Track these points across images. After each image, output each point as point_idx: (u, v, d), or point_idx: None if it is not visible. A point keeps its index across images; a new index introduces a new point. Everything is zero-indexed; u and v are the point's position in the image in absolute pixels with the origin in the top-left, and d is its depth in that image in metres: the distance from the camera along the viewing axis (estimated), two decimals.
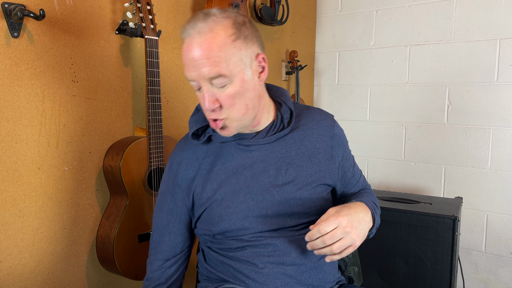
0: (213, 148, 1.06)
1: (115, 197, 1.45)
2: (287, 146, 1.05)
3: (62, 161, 1.39)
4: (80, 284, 1.48)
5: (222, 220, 1.01)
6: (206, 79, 0.91)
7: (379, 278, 1.84)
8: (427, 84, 2.32)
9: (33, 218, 1.33)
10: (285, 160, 1.03)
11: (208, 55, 0.89)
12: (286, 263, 1.00)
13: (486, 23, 2.13)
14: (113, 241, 1.38)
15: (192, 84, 0.95)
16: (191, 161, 1.06)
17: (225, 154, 1.04)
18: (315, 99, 2.77)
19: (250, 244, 1.01)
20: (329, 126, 1.10)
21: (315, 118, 1.10)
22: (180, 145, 1.11)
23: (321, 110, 1.14)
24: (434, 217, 1.70)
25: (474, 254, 2.24)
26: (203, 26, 0.91)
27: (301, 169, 1.04)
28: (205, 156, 1.05)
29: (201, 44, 0.90)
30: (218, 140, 1.04)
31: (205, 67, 0.90)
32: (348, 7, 2.58)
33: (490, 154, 2.16)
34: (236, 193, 1.01)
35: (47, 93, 1.34)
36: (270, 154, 1.03)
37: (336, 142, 1.10)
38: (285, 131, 1.04)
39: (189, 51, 0.91)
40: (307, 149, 1.06)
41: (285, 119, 1.06)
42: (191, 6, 1.81)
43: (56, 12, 1.34)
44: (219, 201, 1.01)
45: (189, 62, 0.92)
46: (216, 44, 0.90)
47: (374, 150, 2.53)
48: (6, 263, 1.28)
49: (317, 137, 1.07)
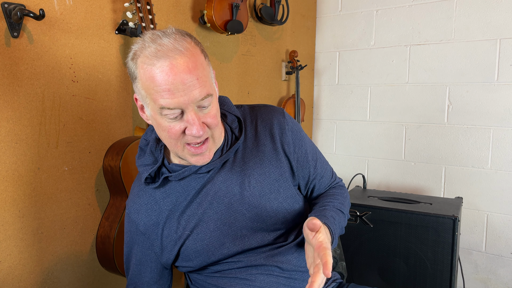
0: (171, 186, 0.98)
1: (115, 197, 1.45)
2: (244, 157, 0.97)
3: (62, 161, 1.39)
4: (80, 284, 1.48)
5: (199, 254, 0.97)
6: (195, 102, 0.83)
7: (379, 278, 1.84)
8: (427, 84, 2.32)
9: (33, 218, 1.33)
10: (246, 173, 0.96)
11: (197, 75, 0.82)
12: (276, 272, 0.97)
13: (486, 23, 2.13)
14: (113, 241, 1.38)
15: (167, 113, 0.83)
16: (150, 205, 0.99)
17: (186, 189, 0.97)
18: (315, 99, 2.77)
19: (236, 265, 0.98)
20: (280, 123, 1.01)
21: (264, 118, 1.01)
22: (134, 191, 1.03)
23: (268, 106, 1.05)
24: (434, 217, 1.70)
25: (474, 254, 2.24)
26: (177, 46, 0.81)
27: (264, 178, 0.97)
28: (164, 196, 0.98)
29: (187, 65, 0.81)
30: (176, 178, 0.96)
31: (196, 89, 0.82)
32: (348, 7, 2.58)
33: (490, 154, 2.16)
34: (206, 223, 0.95)
35: (47, 93, 1.34)
36: (229, 172, 0.96)
37: (291, 138, 1.01)
38: (239, 142, 0.96)
39: (175, 74, 0.80)
40: (264, 154, 0.98)
41: (235, 129, 0.98)
42: (191, 6, 1.81)
43: (56, 12, 1.34)
44: (191, 237, 0.96)
45: (174, 87, 0.80)
46: (200, 61, 0.84)
47: (374, 150, 2.53)
48: (6, 263, 1.28)
49: (271, 138, 0.99)
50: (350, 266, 1.88)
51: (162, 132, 0.88)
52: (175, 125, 0.85)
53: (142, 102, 0.89)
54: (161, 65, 0.80)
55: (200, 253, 0.97)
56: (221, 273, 0.99)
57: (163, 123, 0.85)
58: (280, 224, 0.98)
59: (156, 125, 0.89)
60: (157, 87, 0.81)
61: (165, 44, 0.81)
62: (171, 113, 0.83)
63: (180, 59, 0.81)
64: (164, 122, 0.85)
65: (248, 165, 0.97)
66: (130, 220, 1.02)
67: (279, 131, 1.00)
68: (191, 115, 0.83)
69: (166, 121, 0.85)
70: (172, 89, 0.81)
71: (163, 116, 0.84)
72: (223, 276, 0.99)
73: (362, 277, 1.87)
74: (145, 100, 0.87)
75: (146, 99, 0.86)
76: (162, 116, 0.84)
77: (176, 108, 0.82)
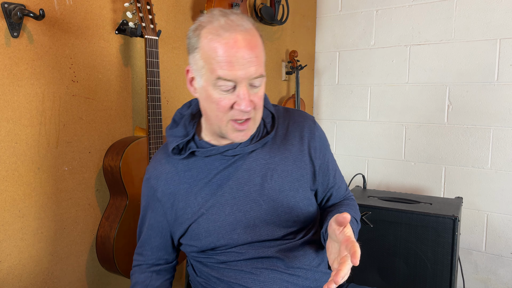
0: (195, 162, 1.01)
1: (115, 197, 1.45)
2: (271, 151, 1.01)
3: (62, 161, 1.39)
4: (80, 284, 1.48)
5: (209, 234, 0.98)
6: (250, 79, 0.88)
7: (379, 278, 1.84)
8: (427, 84, 2.32)
9: (33, 218, 1.33)
10: (270, 167, 0.99)
11: (257, 54, 0.87)
12: (280, 268, 0.99)
13: (486, 23, 2.13)
14: (113, 241, 1.38)
15: (222, 84, 0.87)
16: (171, 175, 1.01)
17: (209, 167, 0.99)
18: (315, 99, 2.77)
19: (242, 256, 0.99)
20: (310, 128, 1.05)
21: (296, 120, 1.06)
22: (157, 157, 1.06)
23: (301, 111, 1.10)
24: (434, 217, 1.70)
25: (474, 254, 2.24)
26: (243, 24, 0.87)
27: (286, 175, 1.00)
28: (186, 169, 1.01)
29: (250, 42, 0.86)
30: (202, 155, 0.99)
31: (253, 66, 0.87)
32: (348, 7, 2.58)
33: (490, 154, 2.16)
34: (223, 206, 0.98)
35: (47, 93, 1.34)
36: (254, 161, 0.99)
37: (318, 144, 1.05)
38: (269, 136, 1.00)
39: (239, 47, 0.85)
40: (291, 153, 1.02)
41: (267, 124, 1.02)
42: (191, 6, 1.81)
43: (56, 12, 1.34)
44: (205, 216, 0.98)
45: (235, 60, 0.85)
46: (260, 43, 0.89)
47: (374, 150, 2.53)
48: (6, 263, 1.28)
49: (300, 140, 1.03)
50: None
51: (210, 104, 0.91)
52: (226, 98, 0.88)
53: (195, 73, 0.92)
54: (227, 37, 0.85)
55: (211, 234, 0.98)
56: (227, 264, 1.00)
57: (214, 94, 0.89)
58: (292, 222, 1.01)
59: (205, 97, 0.92)
60: (218, 57, 0.86)
61: (233, 20, 0.87)
62: (226, 84, 0.87)
63: (245, 35, 0.86)
64: (216, 93, 0.89)
65: (273, 159, 1.00)
66: (149, 185, 1.05)
67: (308, 135, 1.04)
68: (242, 90, 0.88)
69: (218, 93, 0.88)
70: (232, 62, 0.85)
71: (217, 87, 0.88)
72: (228, 267, 1.00)
73: (362, 277, 1.87)
74: (200, 70, 0.90)
75: (202, 70, 0.89)
76: (215, 88, 0.88)
77: (231, 81, 0.87)
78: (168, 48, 1.73)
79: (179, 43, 1.77)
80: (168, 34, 1.72)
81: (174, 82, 1.76)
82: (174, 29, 1.74)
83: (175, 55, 1.76)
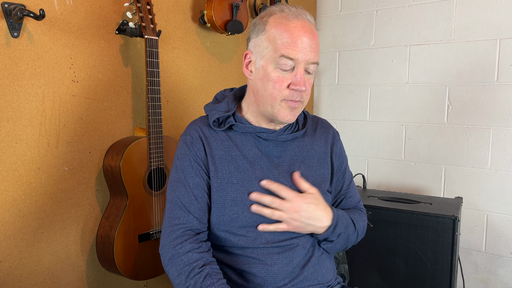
0: (231, 135, 1.08)
1: (115, 197, 1.45)
2: (300, 147, 1.11)
3: (62, 161, 1.39)
4: (80, 284, 1.48)
5: (236, 204, 1.02)
6: (307, 63, 0.98)
7: (379, 278, 1.84)
8: (427, 84, 2.32)
9: (33, 218, 1.33)
10: (298, 159, 1.09)
11: (317, 42, 1.00)
12: (293, 259, 1.02)
13: (486, 23, 2.13)
14: (113, 241, 1.38)
15: (284, 62, 0.97)
16: (213, 140, 1.07)
17: (244, 143, 1.07)
18: (315, 99, 2.77)
19: (259, 241, 1.02)
20: (334, 135, 1.18)
21: (322, 126, 1.18)
22: (198, 123, 1.10)
23: (325, 120, 1.22)
24: (434, 217, 1.70)
25: (474, 254, 2.24)
26: (308, 16, 1.01)
27: (311, 170, 1.10)
28: (223, 139, 1.07)
29: (312, 31, 0.99)
30: (240, 130, 1.07)
31: (313, 52, 0.98)
32: (348, 7, 2.58)
33: (490, 154, 2.16)
34: (252, 181, 1.03)
35: (47, 93, 1.34)
36: (284, 151, 1.08)
37: (339, 152, 1.17)
38: (300, 132, 1.11)
39: (304, 32, 0.97)
40: (316, 152, 1.12)
41: (300, 122, 1.14)
42: (191, 6, 1.81)
43: (56, 12, 1.34)
44: (235, 186, 1.03)
45: (300, 43, 0.96)
46: (318, 35, 1.02)
47: (374, 150, 2.53)
48: (6, 263, 1.28)
49: (325, 144, 1.14)
50: (350, 266, 1.88)
51: (266, 83, 1.00)
52: (284, 77, 0.98)
53: (256, 55, 1.03)
54: (296, 22, 0.98)
55: (237, 203, 1.02)
56: (243, 250, 1.02)
57: (273, 73, 0.99)
58: None
59: (263, 76, 1.01)
60: (286, 38, 0.97)
61: (300, 12, 1.00)
62: (287, 63, 0.97)
63: (310, 25, 1.00)
64: (275, 72, 0.98)
65: (301, 154, 1.10)
66: (187, 146, 1.07)
67: (332, 140, 1.16)
68: (300, 71, 0.98)
69: (277, 72, 0.98)
70: (298, 43, 0.96)
71: (277, 66, 0.98)
72: (243, 254, 1.02)
73: (362, 277, 1.87)
74: (263, 51, 1.00)
75: (265, 50, 1.00)
76: (276, 67, 0.98)
77: (292, 60, 0.97)
78: (168, 48, 1.73)
79: (179, 43, 1.77)
80: (168, 34, 1.72)
81: (174, 82, 1.76)
82: (174, 29, 1.74)
83: (175, 55, 1.76)
